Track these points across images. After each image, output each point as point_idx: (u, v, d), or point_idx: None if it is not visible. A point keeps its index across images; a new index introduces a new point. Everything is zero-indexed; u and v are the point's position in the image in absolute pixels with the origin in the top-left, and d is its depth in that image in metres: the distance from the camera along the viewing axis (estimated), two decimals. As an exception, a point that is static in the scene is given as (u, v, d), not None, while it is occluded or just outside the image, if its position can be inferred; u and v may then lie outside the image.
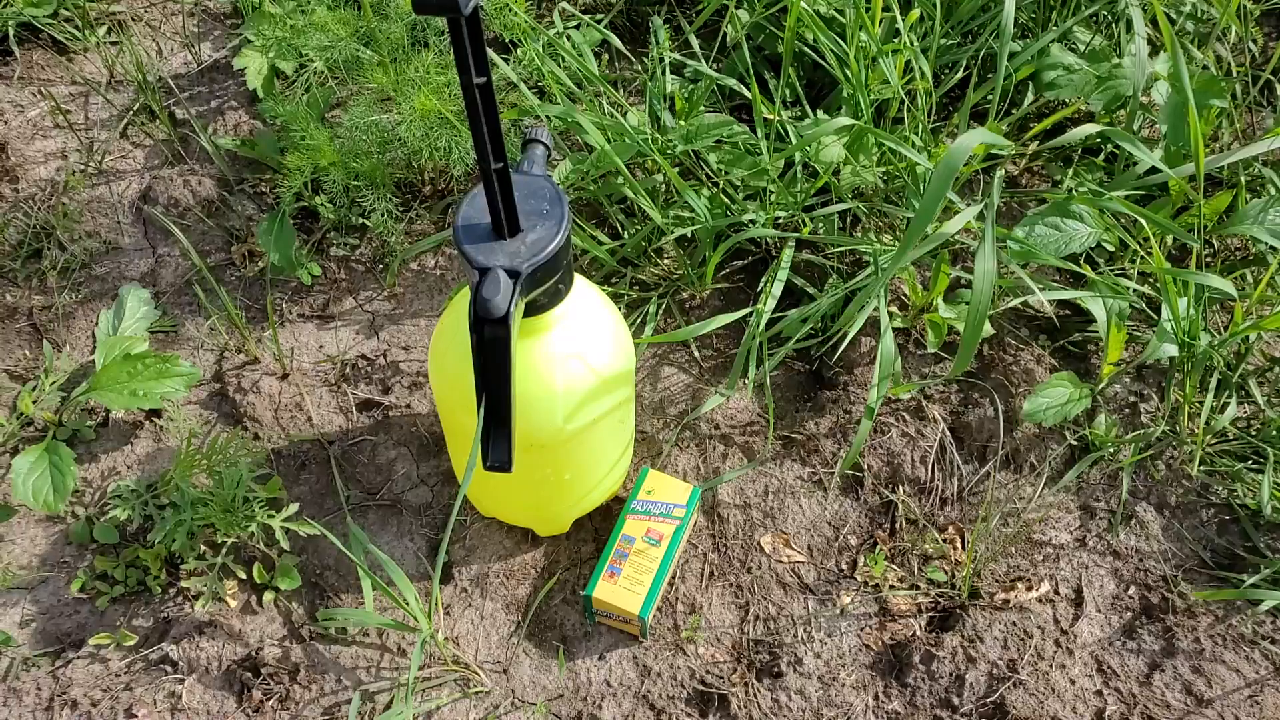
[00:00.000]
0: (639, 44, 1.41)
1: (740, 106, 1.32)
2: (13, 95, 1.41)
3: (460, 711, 0.95)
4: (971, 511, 1.06)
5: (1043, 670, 0.96)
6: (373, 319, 1.21)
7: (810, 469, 1.09)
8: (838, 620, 1.00)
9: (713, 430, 1.12)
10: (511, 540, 1.05)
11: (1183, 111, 1.08)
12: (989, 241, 0.90)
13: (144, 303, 1.19)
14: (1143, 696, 0.95)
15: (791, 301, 1.17)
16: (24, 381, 1.16)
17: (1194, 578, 1.02)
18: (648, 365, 1.17)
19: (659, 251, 1.22)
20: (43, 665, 0.98)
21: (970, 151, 0.90)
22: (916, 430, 1.10)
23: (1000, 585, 1.02)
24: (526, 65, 1.25)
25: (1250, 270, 1.17)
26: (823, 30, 1.11)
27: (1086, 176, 1.23)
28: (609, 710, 0.95)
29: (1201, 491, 1.07)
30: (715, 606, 1.01)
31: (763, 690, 0.96)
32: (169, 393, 1.05)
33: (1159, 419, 1.09)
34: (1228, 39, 1.32)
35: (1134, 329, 1.14)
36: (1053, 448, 1.09)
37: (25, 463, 1.02)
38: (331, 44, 1.20)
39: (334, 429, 1.12)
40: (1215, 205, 1.13)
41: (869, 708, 0.95)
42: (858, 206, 1.16)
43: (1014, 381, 1.13)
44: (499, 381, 0.74)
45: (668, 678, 0.97)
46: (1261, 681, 0.96)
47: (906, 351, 1.15)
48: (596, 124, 1.12)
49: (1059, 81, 1.20)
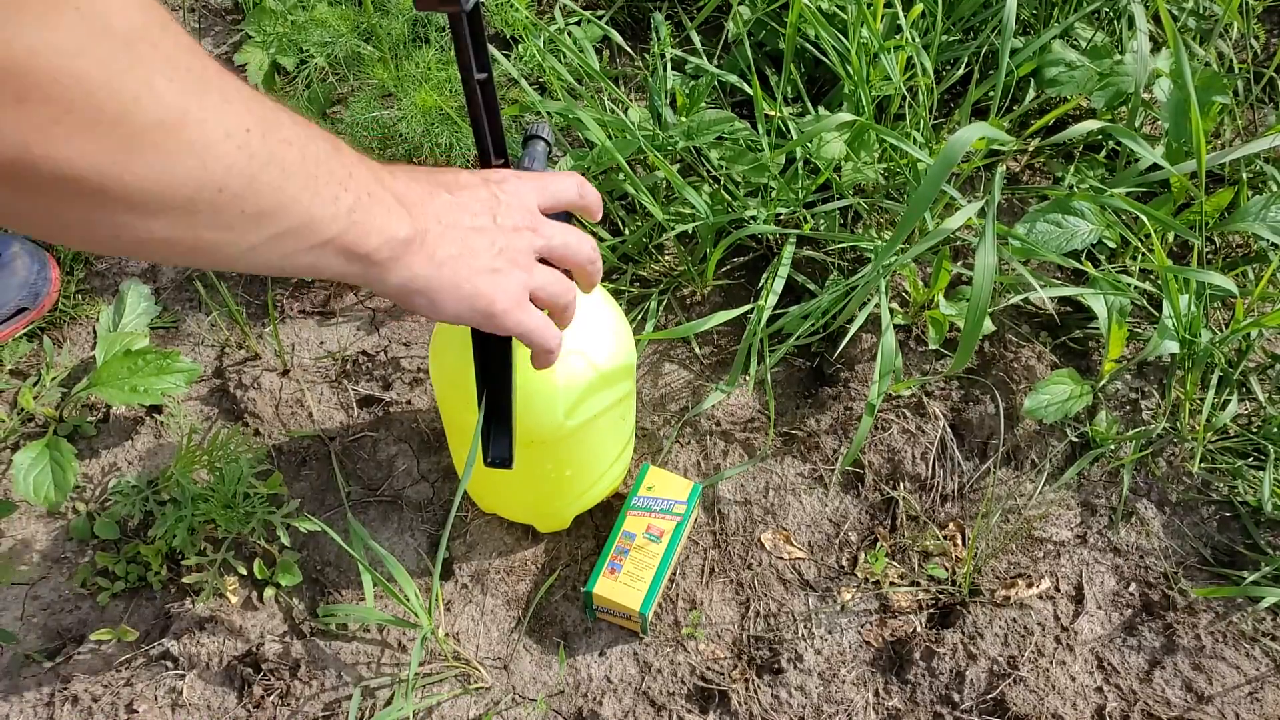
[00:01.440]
0: (640, 40, 1.41)
1: (741, 103, 1.32)
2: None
3: (460, 708, 0.95)
4: (972, 508, 1.06)
5: (1043, 667, 0.96)
6: (373, 315, 1.21)
7: (811, 465, 1.09)
8: (838, 617, 1.00)
9: (713, 427, 1.12)
10: (512, 536, 1.05)
11: (1184, 108, 1.08)
12: (989, 238, 0.90)
13: (145, 299, 1.19)
14: (1143, 693, 0.95)
15: (792, 298, 1.17)
16: (25, 377, 1.16)
17: (1194, 575, 1.02)
18: (648, 362, 1.17)
19: (660, 248, 1.22)
20: (43, 661, 0.98)
21: (969, 145, 0.90)
22: (917, 427, 1.10)
23: (1001, 582, 1.02)
24: (528, 61, 1.24)
25: (1252, 267, 1.17)
26: (824, 26, 1.11)
27: (1088, 173, 1.22)
28: (609, 706, 0.95)
29: (1202, 488, 1.07)
30: (716, 603, 1.01)
31: (763, 686, 0.96)
32: (170, 389, 1.05)
33: (1160, 416, 1.09)
34: (1230, 35, 1.32)
35: (1135, 326, 1.14)
36: (1053, 445, 1.09)
37: (26, 458, 1.02)
38: (332, 40, 1.20)
39: (335, 425, 1.12)
40: (1217, 202, 1.13)
41: (869, 704, 0.95)
42: (859, 203, 1.16)
43: (1015, 378, 1.13)
44: (500, 377, 0.74)
45: (668, 674, 0.97)
46: (1262, 678, 0.96)
47: (907, 348, 1.15)
48: (597, 120, 1.12)
49: (1061, 78, 1.20)
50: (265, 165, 0.48)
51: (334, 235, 0.54)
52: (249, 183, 0.47)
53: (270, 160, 0.48)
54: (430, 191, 0.62)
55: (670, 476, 1.03)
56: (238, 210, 0.48)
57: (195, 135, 0.44)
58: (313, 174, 0.51)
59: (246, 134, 0.46)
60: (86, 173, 0.41)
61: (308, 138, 0.51)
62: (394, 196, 0.58)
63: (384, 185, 0.58)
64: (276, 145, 0.48)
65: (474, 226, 0.64)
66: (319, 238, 0.53)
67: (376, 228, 0.56)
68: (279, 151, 0.49)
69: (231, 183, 0.46)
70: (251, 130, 0.47)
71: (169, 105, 0.42)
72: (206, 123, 0.44)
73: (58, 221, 0.44)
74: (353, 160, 0.56)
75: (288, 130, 0.50)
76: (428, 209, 0.61)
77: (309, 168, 0.51)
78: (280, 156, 0.49)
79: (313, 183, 0.51)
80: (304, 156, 0.50)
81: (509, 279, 0.65)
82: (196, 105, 0.44)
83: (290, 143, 0.49)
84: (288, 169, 0.49)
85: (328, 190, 0.52)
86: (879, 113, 1.19)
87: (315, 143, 0.52)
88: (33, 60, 0.37)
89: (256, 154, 0.47)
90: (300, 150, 0.50)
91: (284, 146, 0.49)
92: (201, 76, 0.44)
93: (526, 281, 0.67)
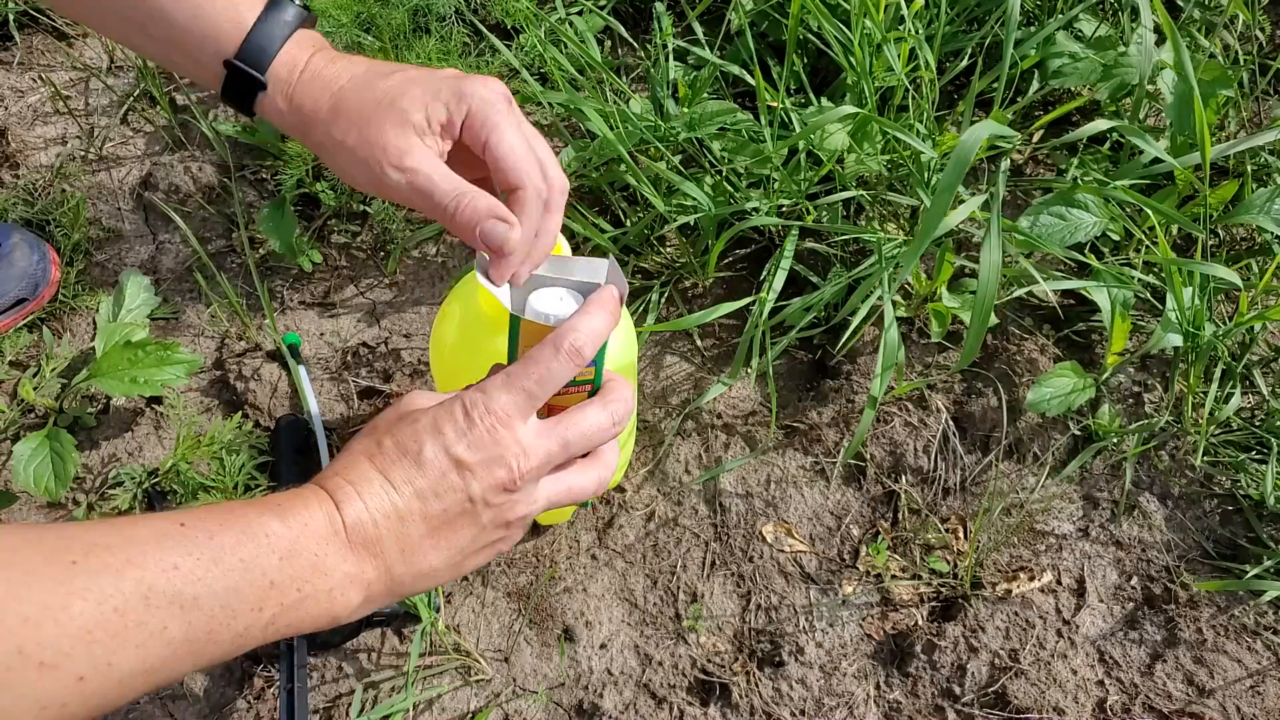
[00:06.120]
0: (642, 30, 1.40)
1: (744, 94, 1.31)
2: (13, 81, 1.41)
3: (461, 700, 0.95)
4: (974, 501, 1.06)
5: (1044, 660, 0.96)
6: (374, 307, 1.21)
7: (813, 458, 1.09)
8: (839, 610, 1.00)
9: (715, 419, 1.12)
10: (513, 529, 1.05)
11: (1188, 101, 1.07)
12: (995, 234, 0.90)
13: (144, 289, 1.19)
14: (1144, 687, 0.95)
15: (794, 290, 1.17)
16: (24, 368, 1.16)
17: (1196, 568, 1.02)
18: (650, 354, 1.17)
19: (661, 240, 1.22)
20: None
21: (980, 144, 0.90)
22: (919, 420, 1.10)
23: (1002, 575, 1.01)
24: (529, 52, 1.24)
25: (1256, 260, 1.17)
26: (827, 17, 1.10)
27: (1092, 165, 1.22)
28: (610, 699, 0.95)
29: (1205, 482, 1.06)
30: (717, 595, 1.01)
31: (764, 679, 0.96)
32: (170, 380, 1.04)
33: (1163, 409, 1.09)
34: (1235, 27, 1.31)
35: (1138, 319, 1.14)
36: (1056, 438, 1.09)
37: (26, 449, 1.02)
38: (333, 30, 1.20)
39: (335, 417, 1.12)
40: (1221, 194, 1.12)
41: (870, 697, 0.95)
42: (862, 195, 1.15)
43: (1017, 371, 1.12)
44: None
45: (669, 666, 0.97)
46: (1263, 672, 0.96)
47: (909, 340, 1.15)
48: (599, 111, 1.11)
49: (1064, 70, 1.19)
50: (147, 656, 0.46)
51: (244, 648, 0.50)
52: (146, 673, 0.46)
53: (147, 654, 0.46)
54: (386, 502, 0.53)
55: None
56: (142, 687, 0.46)
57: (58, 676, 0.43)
58: (204, 637, 0.47)
59: (108, 667, 0.44)
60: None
61: (194, 597, 0.47)
62: (342, 544, 0.52)
63: (331, 545, 0.52)
64: (150, 638, 0.46)
65: (447, 517, 0.54)
66: (246, 645, 0.50)
67: (310, 617, 0.51)
68: (156, 640, 0.46)
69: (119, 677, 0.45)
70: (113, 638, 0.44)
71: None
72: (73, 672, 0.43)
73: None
74: (281, 550, 0.50)
75: (159, 613, 0.46)
76: (385, 542, 0.53)
77: (199, 631, 0.47)
78: (162, 640, 0.46)
79: (213, 636, 0.48)
80: (190, 625, 0.47)
81: (508, 540, 0.58)
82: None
83: (166, 626, 0.46)
84: (174, 647, 0.46)
85: (235, 624, 0.48)
86: (882, 104, 1.18)
87: (213, 582, 0.47)
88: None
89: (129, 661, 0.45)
90: (185, 619, 0.46)
91: (160, 634, 0.46)
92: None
93: (533, 516, 0.58)
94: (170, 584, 0.46)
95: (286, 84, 0.62)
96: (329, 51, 0.64)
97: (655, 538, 1.04)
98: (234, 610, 0.48)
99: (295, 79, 0.62)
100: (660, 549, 1.04)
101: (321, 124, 0.62)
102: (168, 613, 0.46)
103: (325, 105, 0.61)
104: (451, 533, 0.55)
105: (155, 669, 0.46)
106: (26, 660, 0.42)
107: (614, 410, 0.59)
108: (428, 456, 0.54)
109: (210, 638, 0.47)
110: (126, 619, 0.44)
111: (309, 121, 0.62)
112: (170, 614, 0.46)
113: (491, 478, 0.54)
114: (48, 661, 0.43)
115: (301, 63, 0.62)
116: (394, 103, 0.60)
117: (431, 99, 0.60)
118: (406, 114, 0.59)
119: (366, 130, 0.60)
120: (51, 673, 0.43)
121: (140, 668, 0.45)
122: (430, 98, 0.60)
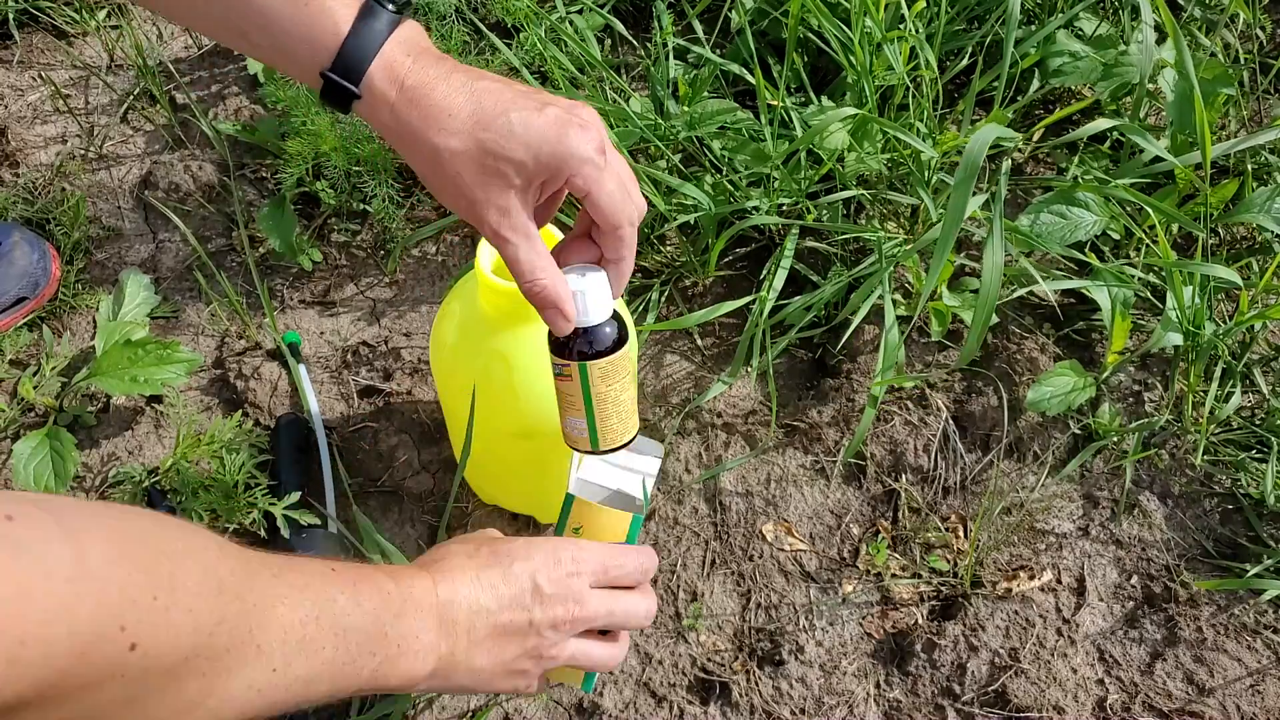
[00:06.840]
0: (642, 29, 1.40)
1: (744, 92, 1.31)
2: (12, 79, 1.41)
3: (461, 699, 0.95)
4: (974, 500, 1.06)
5: (1044, 659, 0.96)
6: (374, 305, 1.21)
7: (813, 457, 1.09)
8: (839, 608, 1.00)
9: (715, 418, 1.12)
10: (513, 528, 1.05)
11: (1189, 99, 1.07)
12: (997, 235, 0.90)
13: (144, 288, 1.19)
14: (1144, 685, 0.95)
15: (795, 289, 1.17)
16: (24, 367, 1.16)
17: (1197, 567, 1.02)
18: (650, 353, 1.17)
19: (662, 238, 1.22)
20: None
21: (986, 150, 0.90)
22: (920, 419, 1.10)
23: (1002, 574, 1.02)
24: (529, 50, 1.24)
25: (1256, 259, 1.17)
26: (827, 16, 1.10)
27: (1092, 164, 1.22)
28: (610, 698, 0.95)
29: (1205, 481, 1.06)
30: (717, 594, 1.01)
31: (764, 678, 0.96)
32: (169, 379, 1.04)
33: (1163, 408, 1.09)
34: (1235, 26, 1.31)
35: (1139, 318, 1.14)
36: (1056, 437, 1.09)
37: (26, 448, 1.02)
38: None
39: (335, 416, 1.12)
40: (1221, 194, 1.12)
41: (870, 696, 0.95)
42: (862, 194, 1.15)
43: (1018, 370, 1.12)
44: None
45: (669, 665, 0.97)
46: (1263, 671, 0.96)
47: (909, 339, 1.15)
48: (600, 109, 1.11)
49: (1065, 68, 1.19)
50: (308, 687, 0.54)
51: (356, 688, 0.58)
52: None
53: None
54: (473, 594, 0.63)
55: (604, 513, 0.75)
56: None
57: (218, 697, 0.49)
58: (344, 665, 0.56)
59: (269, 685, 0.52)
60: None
61: (344, 628, 0.55)
62: (434, 616, 0.61)
63: (427, 615, 0.61)
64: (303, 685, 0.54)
65: (508, 629, 0.64)
66: (356, 687, 0.58)
67: (399, 672, 0.59)
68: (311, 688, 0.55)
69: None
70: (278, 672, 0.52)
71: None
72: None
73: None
74: (395, 608, 0.59)
75: (323, 634, 0.54)
76: (460, 626, 0.62)
77: (339, 665, 0.55)
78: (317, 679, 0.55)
79: (349, 668, 0.56)
80: (338, 651, 0.55)
81: (531, 675, 0.66)
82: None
83: (324, 646, 0.54)
84: (328, 667, 0.55)
85: (360, 662, 0.56)
86: (882, 103, 1.18)
87: (357, 620, 0.56)
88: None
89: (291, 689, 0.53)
90: (336, 645, 0.55)
91: (320, 652, 0.54)
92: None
93: (556, 663, 0.67)
94: (330, 613, 0.55)
95: (385, 96, 0.62)
96: (426, 61, 0.62)
97: (655, 536, 1.04)
98: (363, 649, 0.56)
99: (395, 95, 0.61)
100: (660, 547, 1.04)
101: (426, 154, 0.62)
102: (327, 636, 0.54)
103: (431, 135, 0.61)
104: (505, 643, 0.63)
105: (311, 680, 0.54)
106: (247, 642, 0.49)
107: (652, 604, 0.71)
108: (516, 572, 0.64)
109: (346, 669, 0.55)
110: (306, 630, 0.53)
111: (411, 144, 0.62)
112: (328, 638, 0.54)
113: (553, 612, 0.64)
114: (263, 648, 0.50)
115: (398, 74, 0.61)
116: (499, 168, 0.61)
117: (534, 163, 0.61)
118: (510, 179, 0.61)
119: (471, 183, 0.62)
120: (261, 659, 0.50)
121: (304, 675, 0.53)
122: (533, 161, 0.61)
